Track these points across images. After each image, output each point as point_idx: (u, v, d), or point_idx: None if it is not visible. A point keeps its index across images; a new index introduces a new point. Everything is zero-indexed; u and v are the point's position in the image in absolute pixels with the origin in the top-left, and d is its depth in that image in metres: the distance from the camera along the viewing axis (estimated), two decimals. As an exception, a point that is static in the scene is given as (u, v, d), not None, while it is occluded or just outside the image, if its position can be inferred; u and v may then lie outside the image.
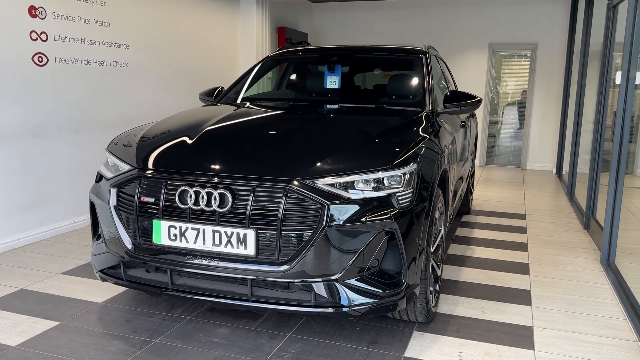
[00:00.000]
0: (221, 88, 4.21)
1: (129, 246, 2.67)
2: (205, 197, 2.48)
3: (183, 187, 2.52)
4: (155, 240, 2.59)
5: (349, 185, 2.45)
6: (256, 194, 2.44)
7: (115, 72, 5.30)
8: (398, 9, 9.70)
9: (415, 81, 3.81)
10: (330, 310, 2.48)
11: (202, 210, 2.50)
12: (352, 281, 2.46)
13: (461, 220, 5.57)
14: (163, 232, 2.56)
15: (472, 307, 3.27)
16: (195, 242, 2.52)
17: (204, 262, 2.52)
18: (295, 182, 2.42)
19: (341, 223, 2.39)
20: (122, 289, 3.44)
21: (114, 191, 2.72)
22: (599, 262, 4.17)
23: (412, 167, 2.57)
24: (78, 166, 4.94)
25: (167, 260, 2.59)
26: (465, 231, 5.14)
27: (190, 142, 2.82)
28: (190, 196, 2.50)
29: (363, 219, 2.41)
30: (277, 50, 4.48)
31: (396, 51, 4.17)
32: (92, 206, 2.98)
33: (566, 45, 8.55)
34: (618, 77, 3.98)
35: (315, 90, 4.08)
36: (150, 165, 2.69)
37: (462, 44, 9.35)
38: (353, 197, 2.44)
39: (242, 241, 2.44)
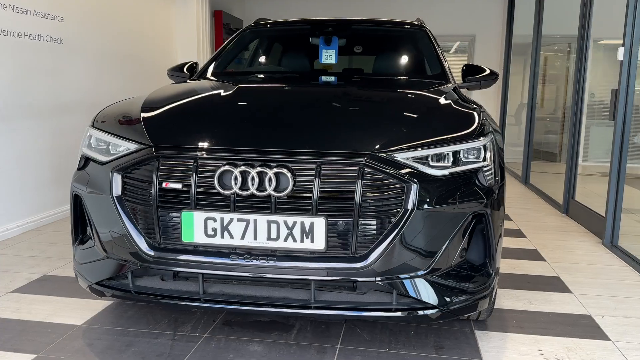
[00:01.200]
0: (195, 63, 3.59)
1: (145, 248, 2.04)
2: (256, 179, 1.93)
3: (224, 168, 1.95)
4: (185, 238, 1.99)
5: (432, 160, 2.02)
6: (323, 172, 1.93)
7: (49, 49, 4.44)
8: (334, -1, 9.37)
9: (429, 54, 3.44)
10: (412, 314, 2.02)
11: (252, 195, 1.94)
12: (440, 276, 2.03)
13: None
14: (197, 227, 1.97)
15: (516, 298, 2.96)
16: (242, 238, 1.96)
17: (255, 262, 1.97)
18: (373, 157, 1.94)
19: (429, 205, 1.95)
20: (100, 305, 2.75)
21: (117, 177, 2.08)
22: (602, 245, 4.05)
23: (490, 138, 2.19)
24: (8, 162, 4.06)
25: (202, 263, 2.01)
26: (452, 221, 4.87)
27: (222, 111, 2.24)
28: (236, 178, 1.93)
29: (454, 200, 1.99)
30: (254, 23, 3.93)
31: (397, 24, 3.79)
32: (76, 200, 2.30)
33: (504, 37, 8.68)
34: (620, 54, 3.88)
35: (310, 65, 3.60)
36: (170, 141, 2.08)
37: (401, 35, 9.18)
38: (439, 173, 2.00)
39: (308, 233, 1.92)
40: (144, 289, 2.13)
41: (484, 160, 2.11)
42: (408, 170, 1.94)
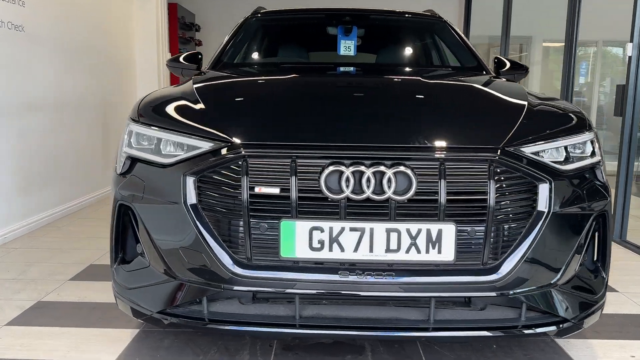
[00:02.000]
0: (199, 53, 3.20)
1: (231, 266, 1.69)
2: (372, 180, 1.63)
3: (332, 168, 1.64)
4: (284, 253, 1.66)
5: (557, 155, 1.82)
6: (447, 171, 1.67)
7: (10, 38, 3.84)
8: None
9: (458, 46, 3.26)
10: (541, 330, 1.80)
11: (367, 200, 1.64)
12: (568, 286, 1.83)
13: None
14: (300, 239, 1.65)
15: (570, 301, 2.83)
16: (355, 250, 1.65)
17: (370, 279, 1.67)
18: (504, 152, 1.70)
19: (563, 205, 1.74)
20: (127, 335, 2.32)
21: (191, 182, 1.71)
22: (612, 241, 4.06)
23: (594, 129, 2.02)
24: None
25: (304, 282, 1.68)
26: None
27: (310, 102, 1.92)
28: (347, 180, 1.63)
29: (583, 198, 1.79)
30: (254, 12, 3.58)
31: (415, 15, 3.59)
32: (121, 210, 1.90)
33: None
34: (629, 49, 3.89)
35: (331, 57, 3.32)
36: (258, 137, 1.74)
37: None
38: (567, 168, 1.80)
39: (435, 242, 1.65)
40: (221, 315, 1.77)
41: (594, 154, 1.92)
42: (539, 166, 1.72)
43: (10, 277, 3.06)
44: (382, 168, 1.62)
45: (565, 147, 1.83)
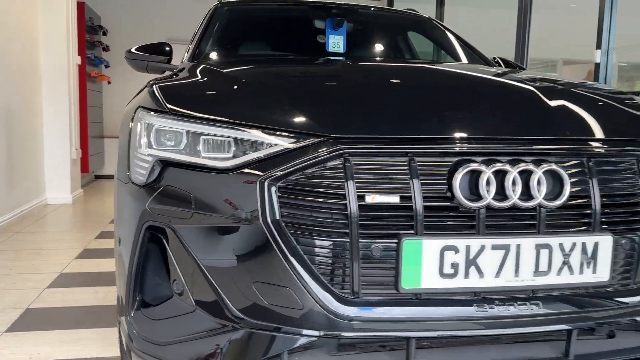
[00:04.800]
0: (168, 45, 2.65)
1: (333, 304, 1.22)
2: (519, 183, 1.26)
3: (468, 166, 1.24)
4: (406, 283, 1.23)
5: None
6: (596, 168, 1.34)
7: None
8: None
9: (455, 44, 3.01)
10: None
11: (512, 208, 1.26)
12: None
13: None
14: (427, 263, 1.22)
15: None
16: (497, 275, 1.26)
17: (512, 311, 1.28)
18: None
19: None
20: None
21: (273, 192, 1.23)
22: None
23: None
24: None
25: (431, 321, 1.25)
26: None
27: (409, 89, 1.52)
28: (489, 182, 1.24)
29: None
30: (220, 3, 3.08)
31: (402, 12, 3.31)
32: (150, 236, 1.36)
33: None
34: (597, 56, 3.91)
35: (319, 52, 2.92)
36: (363, 128, 1.31)
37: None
38: None
39: (590, 258, 1.30)
40: (305, 374, 1.28)
41: None
42: None
43: None
44: (531, 166, 1.25)
45: None
